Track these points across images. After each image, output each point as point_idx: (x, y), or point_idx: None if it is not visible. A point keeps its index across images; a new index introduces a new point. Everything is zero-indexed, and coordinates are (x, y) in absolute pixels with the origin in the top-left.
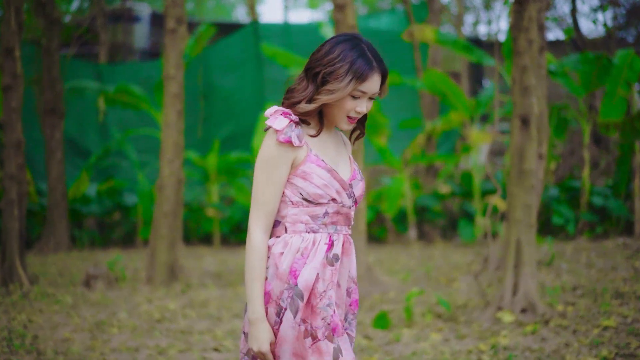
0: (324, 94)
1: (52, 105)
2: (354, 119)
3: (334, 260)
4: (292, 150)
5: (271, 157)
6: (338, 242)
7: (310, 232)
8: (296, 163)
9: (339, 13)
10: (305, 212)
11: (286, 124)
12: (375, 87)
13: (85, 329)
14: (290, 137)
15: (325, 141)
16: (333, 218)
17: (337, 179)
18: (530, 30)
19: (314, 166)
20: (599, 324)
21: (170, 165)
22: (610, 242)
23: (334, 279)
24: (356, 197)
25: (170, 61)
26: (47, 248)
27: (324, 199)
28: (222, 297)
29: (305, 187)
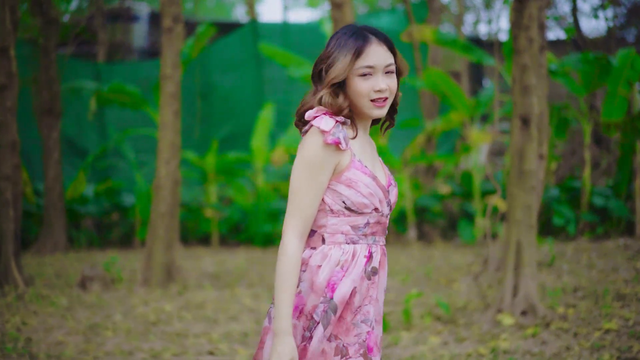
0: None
1: (49, 105)
2: (381, 101)
3: (372, 273)
4: (338, 153)
5: (315, 160)
6: (376, 254)
7: (350, 243)
8: (339, 168)
9: (337, 11)
10: (346, 222)
11: (333, 124)
12: (380, 58)
13: (80, 331)
14: (339, 138)
15: (363, 144)
16: (373, 228)
17: (380, 187)
18: (531, 29)
19: (360, 173)
20: (600, 326)
21: (167, 165)
22: (611, 243)
23: (371, 293)
24: (392, 204)
25: (167, 60)
26: (44, 249)
27: (368, 209)
28: (219, 298)
29: (350, 196)
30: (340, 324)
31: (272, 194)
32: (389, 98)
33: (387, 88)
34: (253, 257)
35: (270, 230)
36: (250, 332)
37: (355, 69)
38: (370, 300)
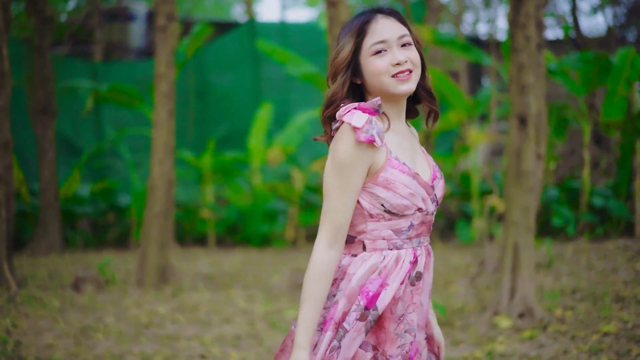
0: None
1: (44, 104)
2: (403, 74)
3: (416, 279)
4: (372, 151)
5: (348, 160)
6: (421, 257)
7: (393, 248)
8: (375, 168)
9: (332, 10)
10: (387, 226)
11: (366, 119)
12: (389, 31)
13: (71, 334)
14: (373, 135)
15: (400, 135)
16: (418, 229)
17: (423, 185)
18: (528, 27)
19: (397, 172)
20: (599, 329)
21: (161, 165)
22: (611, 244)
23: (415, 299)
24: (438, 199)
25: (160, 59)
26: (39, 249)
27: (410, 210)
28: (213, 300)
29: (389, 198)
30: (382, 334)
31: (269, 194)
32: (413, 71)
33: (406, 59)
34: (249, 258)
35: (267, 230)
36: (243, 335)
37: (366, 49)
38: (414, 307)
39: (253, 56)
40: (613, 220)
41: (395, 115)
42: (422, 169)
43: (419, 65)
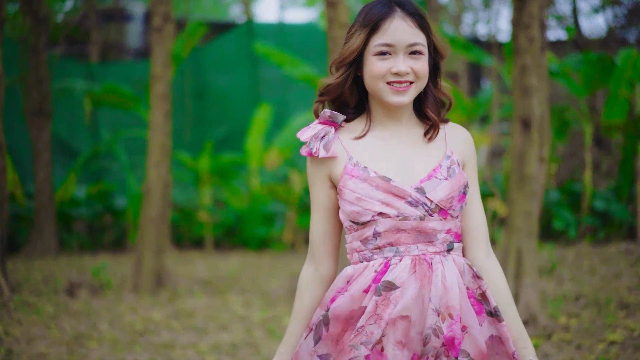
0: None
1: (39, 105)
2: (400, 85)
3: (384, 289)
4: (321, 164)
5: (308, 175)
6: (400, 266)
7: (363, 260)
8: (335, 180)
9: (331, 10)
10: (356, 237)
11: (312, 133)
12: (401, 35)
13: (64, 342)
14: (312, 148)
15: (382, 140)
16: (389, 238)
17: (383, 187)
18: (531, 28)
19: (347, 178)
20: (605, 338)
21: (157, 168)
22: (613, 248)
23: (380, 312)
24: (437, 202)
25: (157, 60)
26: (34, 253)
27: (365, 217)
28: (210, 306)
29: (342, 207)
30: (337, 344)
31: (267, 197)
32: (415, 83)
33: (407, 71)
34: (247, 262)
35: (265, 234)
36: (240, 343)
37: (372, 46)
38: (376, 319)
39: (251, 57)
40: (615, 223)
41: (387, 118)
42: (409, 171)
43: (424, 77)
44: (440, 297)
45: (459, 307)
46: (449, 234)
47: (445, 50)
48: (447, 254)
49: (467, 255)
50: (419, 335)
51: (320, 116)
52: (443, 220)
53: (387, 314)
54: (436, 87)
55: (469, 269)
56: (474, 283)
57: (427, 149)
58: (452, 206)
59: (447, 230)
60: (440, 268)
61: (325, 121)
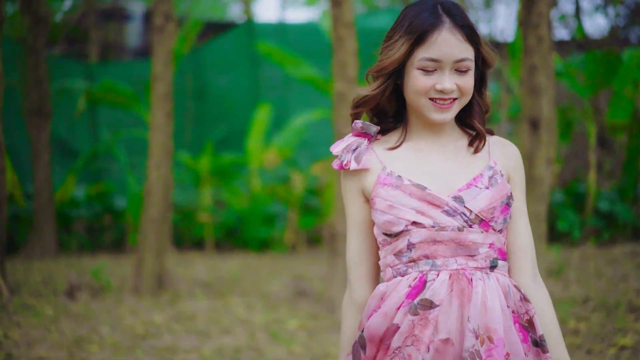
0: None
1: (38, 105)
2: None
3: (421, 307)
4: (354, 177)
5: (342, 194)
6: (438, 282)
7: (397, 275)
8: (368, 193)
9: (336, 9)
10: (389, 250)
11: (344, 146)
12: (449, 50)
13: (64, 346)
14: (342, 161)
15: (419, 149)
16: (425, 249)
17: (417, 195)
18: (540, 27)
19: (379, 187)
20: (615, 342)
21: (158, 169)
22: (618, 249)
23: (418, 332)
24: (477, 212)
25: (158, 60)
26: (33, 253)
27: (397, 226)
28: (211, 309)
29: (375, 219)
30: None
31: (268, 198)
32: (458, 99)
33: (453, 89)
34: (248, 263)
35: (266, 235)
36: (244, 347)
37: (416, 58)
38: (414, 341)
39: (251, 57)
40: (619, 224)
41: (425, 130)
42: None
43: (469, 93)
44: (479, 318)
45: (502, 330)
46: (492, 249)
47: (493, 60)
48: (490, 272)
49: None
50: (456, 358)
51: (352, 128)
52: (485, 233)
53: (427, 336)
54: (481, 96)
55: (516, 291)
56: (522, 307)
57: (468, 160)
58: (494, 217)
59: (490, 245)
60: (482, 285)
61: (358, 133)
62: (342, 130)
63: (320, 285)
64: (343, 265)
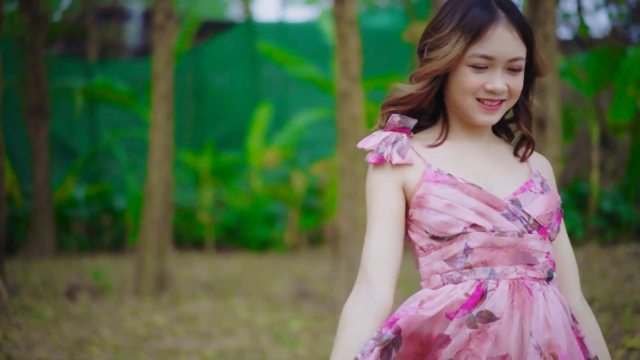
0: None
1: (37, 105)
2: (491, 103)
3: (481, 320)
4: (392, 171)
5: (369, 188)
6: (498, 293)
7: (448, 282)
8: (409, 191)
9: (339, 7)
10: (438, 256)
11: (380, 139)
12: (504, 47)
13: (64, 347)
14: (382, 153)
15: (460, 150)
16: (483, 255)
17: (475, 194)
18: (547, 24)
19: (430, 184)
20: (623, 343)
21: (159, 169)
22: (622, 249)
23: (474, 346)
24: (535, 217)
25: (159, 58)
26: (32, 254)
27: (455, 227)
28: (213, 310)
29: (423, 219)
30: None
31: (268, 197)
32: (506, 101)
33: (504, 90)
34: (249, 264)
35: (266, 235)
36: (247, 348)
37: (467, 55)
38: (469, 355)
39: (251, 56)
40: (622, 224)
41: (465, 131)
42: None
43: (517, 95)
44: (542, 332)
45: (566, 347)
46: (548, 259)
47: (544, 67)
48: (547, 283)
49: None
50: None
51: (387, 124)
52: (542, 241)
53: (484, 351)
54: (528, 99)
55: (568, 310)
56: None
57: (511, 165)
58: (551, 224)
59: (547, 254)
60: (542, 297)
61: (395, 128)
62: (345, 129)
63: (323, 286)
64: (346, 267)
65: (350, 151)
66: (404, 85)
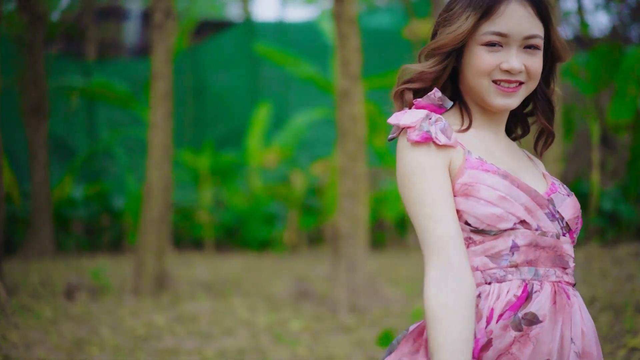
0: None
1: (36, 104)
2: (509, 85)
3: (526, 322)
4: (438, 152)
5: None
6: (542, 294)
7: (492, 281)
8: (454, 175)
9: (339, 6)
10: (479, 251)
11: (421, 116)
12: (517, 24)
13: (63, 348)
14: (429, 132)
15: (487, 140)
16: (529, 254)
17: (524, 189)
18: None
19: (479, 172)
20: (625, 343)
21: (158, 169)
22: (622, 249)
23: (516, 350)
24: (567, 220)
25: (158, 58)
26: (30, 254)
27: (506, 223)
28: (213, 310)
29: (470, 209)
30: None
31: (268, 197)
32: (525, 84)
33: (521, 69)
34: (248, 264)
35: (266, 234)
36: (247, 348)
37: (479, 33)
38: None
39: (250, 56)
40: (623, 224)
41: (483, 119)
42: (529, 179)
43: (537, 77)
44: (579, 339)
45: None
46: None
47: (565, 50)
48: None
49: None
50: None
51: (424, 98)
52: (571, 245)
53: (525, 355)
54: (549, 88)
55: None
56: None
57: (529, 166)
58: (577, 229)
59: (574, 259)
60: (577, 303)
61: (431, 105)
62: (346, 129)
63: (323, 286)
64: (346, 267)
65: (350, 151)
66: (414, 65)
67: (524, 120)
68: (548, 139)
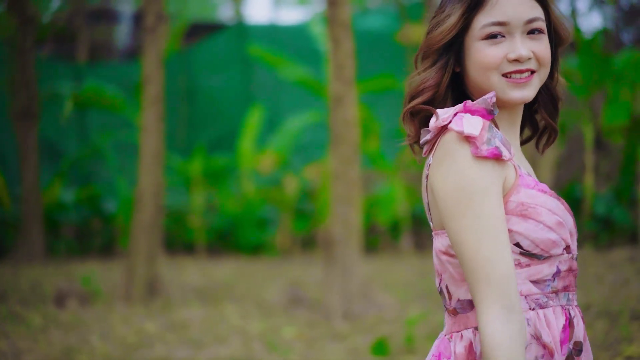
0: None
1: (26, 107)
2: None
3: (577, 352)
4: (499, 168)
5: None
6: (577, 321)
7: (535, 307)
8: (504, 191)
9: (332, 10)
10: (524, 275)
11: (482, 125)
12: (515, 9)
13: (53, 356)
14: (497, 147)
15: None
16: (565, 279)
17: (569, 211)
18: None
19: (535, 193)
20: (621, 351)
21: (149, 173)
22: (617, 254)
23: None
24: None
25: (149, 61)
26: (20, 258)
27: (558, 248)
28: (206, 317)
29: (529, 232)
30: None
31: (260, 201)
32: (537, 72)
33: (529, 56)
34: (240, 268)
35: (258, 239)
36: (239, 357)
37: (477, 28)
38: None
39: (243, 58)
40: (616, 228)
41: (507, 123)
42: None
43: (547, 63)
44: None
45: None
46: None
47: (566, 32)
48: None
49: None
50: None
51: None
52: None
53: None
54: (552, 79)
55: None
56: None
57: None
58: None
59: None
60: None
61: (481, 108)
62: (339, 133)
63: (317, 291)
64: (339, 272)
65: (343, 155)
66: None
67: (532, 119)
68: (551, 136)
